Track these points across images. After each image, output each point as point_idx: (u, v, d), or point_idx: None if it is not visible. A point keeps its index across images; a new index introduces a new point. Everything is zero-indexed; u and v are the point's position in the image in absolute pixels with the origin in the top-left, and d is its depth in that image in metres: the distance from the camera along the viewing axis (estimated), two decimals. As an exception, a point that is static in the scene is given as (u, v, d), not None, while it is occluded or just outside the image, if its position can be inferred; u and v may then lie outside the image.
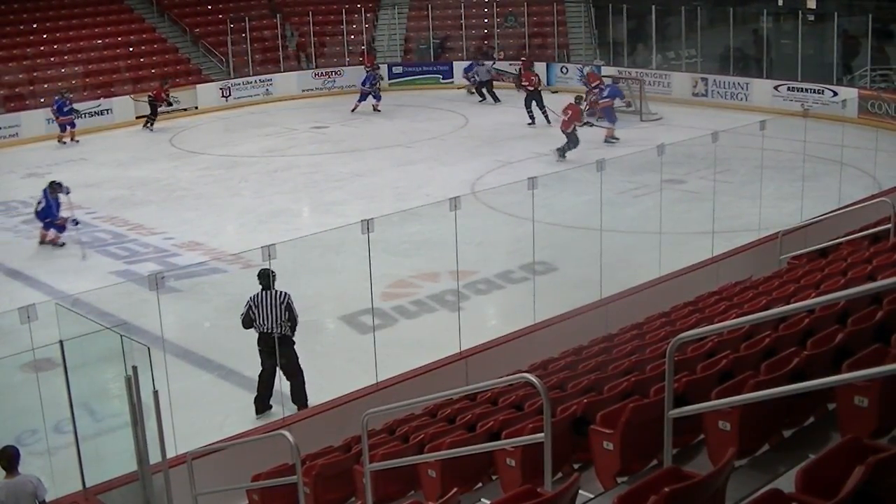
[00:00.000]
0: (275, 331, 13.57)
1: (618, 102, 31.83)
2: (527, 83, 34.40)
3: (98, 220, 24.23)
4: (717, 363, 8.57)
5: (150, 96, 35.70)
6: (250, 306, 13.77)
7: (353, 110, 36.81)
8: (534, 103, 33.52)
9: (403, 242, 20.14)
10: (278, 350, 13.44)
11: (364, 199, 24.68)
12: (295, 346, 13.83)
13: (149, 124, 35.42)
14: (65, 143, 33.08)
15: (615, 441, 7.58)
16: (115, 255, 21.45)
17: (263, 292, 13.74)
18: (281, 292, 13.73)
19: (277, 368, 13.67)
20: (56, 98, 33.40)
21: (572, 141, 27.50)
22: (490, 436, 8.81)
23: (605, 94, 31.89)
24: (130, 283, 18.26)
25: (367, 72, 38.19)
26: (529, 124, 33.43)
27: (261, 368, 13.87)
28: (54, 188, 22.36)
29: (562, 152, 27.41)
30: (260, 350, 13.86)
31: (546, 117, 33.01)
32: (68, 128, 33.21)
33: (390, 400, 11.56)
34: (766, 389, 6.75)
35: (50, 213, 22.12)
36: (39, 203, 22.25)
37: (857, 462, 4.72)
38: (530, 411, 9.25)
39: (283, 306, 13.65)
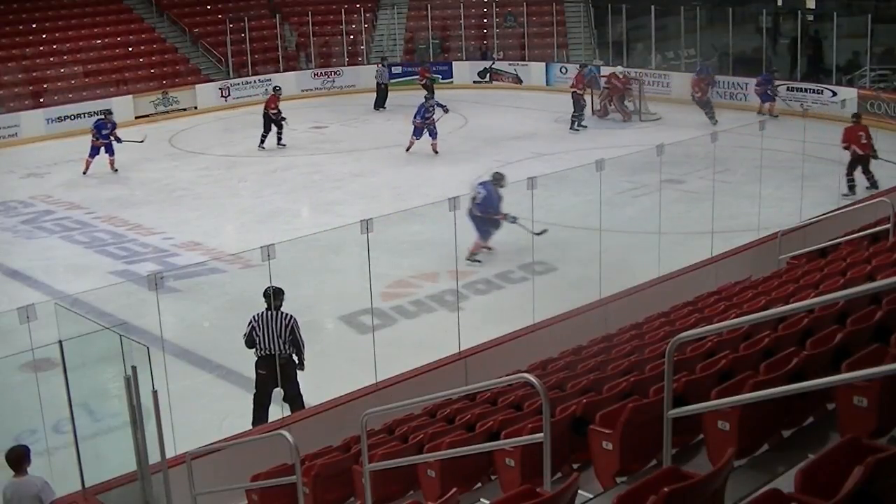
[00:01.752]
0: (277, 353, 13.25)
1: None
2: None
3: (97, 220, 24.24)
4: (716, 363, 8.57)
5: (265, 111, 32.15)
6: (253, 326, 13.40)
7: (407, 149, 30.08)
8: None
9: (403, 242, 20.13)
10: (279, 374, 13.15)
11: (363, 198, 24.69)
12: (297, 371, 13.50)
13: (279, 141, 31.86)
14: (85, 172, 28.95)
15: (614, 441, 7.57)
16: (115, 255, 21.44)
17: (267, 312, 13.43)
18: (287, 315, 13.40)
19: (273, 392, 13.43)
20: (97, 119, 30.03)
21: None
22: (489, 436, 8.81)
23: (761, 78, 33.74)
24: (130, 283, 18.24)
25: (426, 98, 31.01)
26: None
27: (255, 391, 13.53)
28: (497, 178, 20.24)
29: (871, 181, 23.04)
30: (258, 373, 13.50)
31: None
32: (104, 152, 29.00)
33: (389, 400, 11.55)
34: (765, 389, 6.75)
35: (490, 206, 19.90)
36: (477, 195, 20.04)
37: (857, 462, 4.72)
38: (529, 411, 9.26)
39: (286, 330, 13.30)
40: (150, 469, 10.19)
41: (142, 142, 30.00)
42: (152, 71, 39.28)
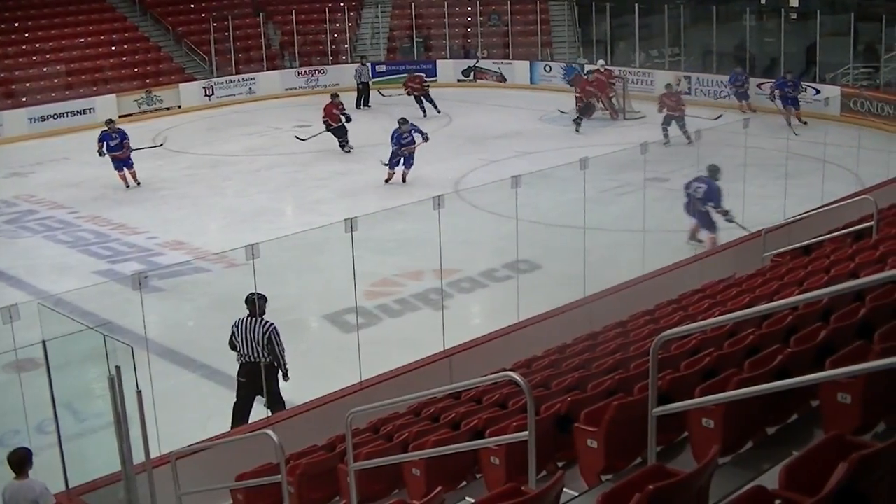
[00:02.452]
0: (259, 360, 13.12)
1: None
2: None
3: (81, 219, 24.17)
4: (700, 361, 8.59)
5: (324, 121, 30.92)
6: (233, 332, 13.31)
7: (386, 180, 26.44)
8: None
9: (387, 241, 20.12)
10: (258, 381, 13.04)
11: (347, 197, 24.67)
12: (279, 377, 13.35)
13: (344, 147, 30.62)
14: (128, 185, 27.04)
15: (599, 439, 7.58)
16: (98, 255, 21.38)
17: (249, 319, 13.28)
18: (266, 322, 13.23)
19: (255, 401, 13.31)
20: (102, 131, 27.30)
21: None
22: (474, 434, 8.81)
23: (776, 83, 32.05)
24: (113, 283, 18.21)
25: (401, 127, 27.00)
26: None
27: (235, 399, 13.39)
28: (713, 171, 19.31)
29: None
30: (238, 380, 13.38)
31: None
32: (125, 168, 27.02)
33: (374, 399, 11.55)
34: (749, 387, 6.76)
35: (713, 198, 19.17)
36: (698, 189, 19.30)
37: (841, 459, 4.73)
38: (514, 409, 9.26)
39: (265, 338, 13.13)
40: (134, 469, 10.15)
41: (161, 145, 29.41)
42: (136, 70, 39.16)
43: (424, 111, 35.51)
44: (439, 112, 35.60)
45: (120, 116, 35.93)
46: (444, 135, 32.34)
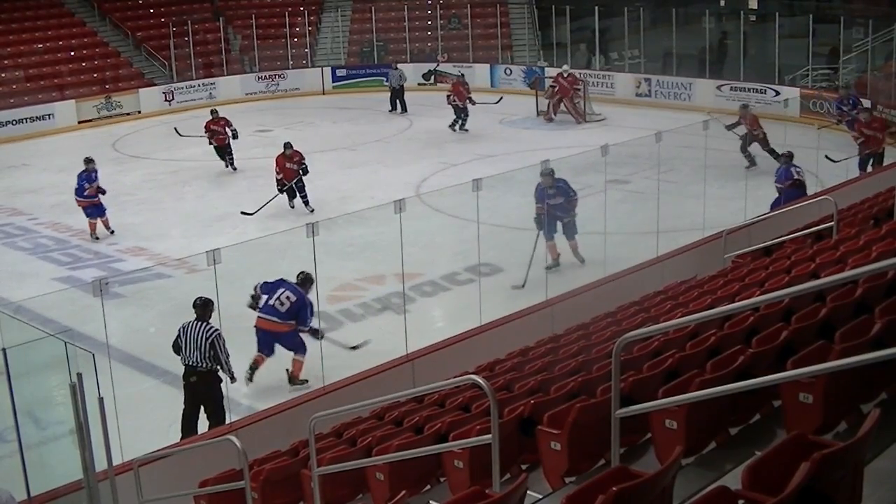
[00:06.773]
0: (199, 366, 13.16)
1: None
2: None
3: (40, 226, 24.04)
4: (662, 362, 8.60)
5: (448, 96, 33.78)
6: (179, 334, 13.32)
7: None
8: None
9: (349, 245, 20.09)
10: (200, 388, 13.11)
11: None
12: (222, 385, 13.36)
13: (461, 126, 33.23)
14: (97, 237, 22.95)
15: (562, 441, 7.58)
16: (58, 262, 21.25)
17: (194, 322, 13.31)
18: (209, 327, 13.24)
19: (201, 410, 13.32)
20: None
21: None
22: (437, 438, 8.79)
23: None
24: (74, 290, 18.11)
25: None
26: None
27: (182, 406, 13.37)
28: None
29: None
30: (183, 384, 13.38)
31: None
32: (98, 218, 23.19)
33: (337, 403, 11.50)
34: (711, 388, 6.78)
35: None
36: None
37: (803, 458, 4.75)
38: (477, 413, 9.24)
39: (206, 343, 13.13)
40: (96, 477, 10.08)
41: None
42: (95, 75, 39.00)
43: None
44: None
45: (79, 122, 35.87)
46: (404, 138, 32.38)
